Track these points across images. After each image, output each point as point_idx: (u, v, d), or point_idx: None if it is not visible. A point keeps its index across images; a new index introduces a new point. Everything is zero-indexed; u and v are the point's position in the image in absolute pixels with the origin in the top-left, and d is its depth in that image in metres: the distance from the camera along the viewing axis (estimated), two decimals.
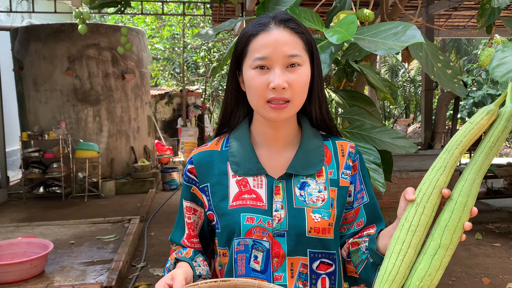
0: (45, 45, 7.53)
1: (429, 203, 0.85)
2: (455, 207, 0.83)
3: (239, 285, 0.87)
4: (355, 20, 1.23)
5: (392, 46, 1.14)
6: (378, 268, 0.99)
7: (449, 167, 0.86)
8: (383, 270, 0.86)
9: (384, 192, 1.31)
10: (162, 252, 4.71)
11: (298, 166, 1.04)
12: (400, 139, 1.34)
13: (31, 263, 3.51)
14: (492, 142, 0.85)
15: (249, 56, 1.01)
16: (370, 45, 1.18)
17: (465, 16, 7.86)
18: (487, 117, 0.85)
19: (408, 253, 0.85)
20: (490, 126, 0.86)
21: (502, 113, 0.84)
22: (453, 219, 0.83)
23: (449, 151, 0.87)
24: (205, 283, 0.86)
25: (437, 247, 0.83)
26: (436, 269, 0.83)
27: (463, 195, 0.83)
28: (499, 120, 0.84)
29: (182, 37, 12.76)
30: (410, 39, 1.14)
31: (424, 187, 0.86)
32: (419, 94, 16.69)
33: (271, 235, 1.01)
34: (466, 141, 0.86)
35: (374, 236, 1.01)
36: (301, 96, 1.02)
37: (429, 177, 0.87)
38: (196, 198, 1.11)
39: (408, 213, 0.87)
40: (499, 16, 1.44)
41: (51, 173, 7.09)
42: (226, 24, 1.54)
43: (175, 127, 11.97)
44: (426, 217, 0.85)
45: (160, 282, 0.91)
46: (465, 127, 0.87)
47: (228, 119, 1.13)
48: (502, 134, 0.84)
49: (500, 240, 4.96)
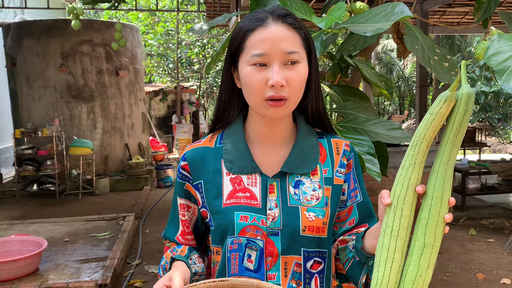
0: (38, 41, 7.47)
1: (406, 204, 0.84)
2: (432, 203, 0.82)
3: (238, 285, 0.85)
4: (343, 5, 1.22)
5: (380, 26, 1.14)
6: (364, 266, 0.99)
7: (419, 163, 0.85)
8: (374, 281, 0.86)
9: (379, 181, 1.30)
10: (157, 249, 4.69)
11: (292, 165, 1.03)
12: (395, 130, 1.33)
13: (25, 261, 3.49)
14: (455, 128, 0.83)
15: (246, 52, 0.98)
16: (359, 29, 1.18)
17: (459, 13, 7.87)
18: (445, 104, 0.83)
19: (395, 259, 0.84)
20: (451, 112, 0.84)
21: (459, 96, 0.82)
22: (433, 215, 0.82)
23: (415, 147, 0.85)
24: (204, 283, 0.84)
25: (422, 246, 0.82)
26: (426, 268, 0.82)
27: (437, 189, 0.82)
28: (458, 105, 0.82)
29: (176, 33, 12.71)
30: (398, 15, 1.14)
31: (397, 189, 0.85)
32: (413, 90, 16.75)
33: (265, 234, 1.00)
34: (430, 133, 0.84)
35: (360, 234, 1.01)
36: (299, 94, 1.01)
37: (400, 177, 0.86)
38: (189, 195, 1.10)
39: (387, 217, 0.86)
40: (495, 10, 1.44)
41: (44, 170, 7.04)
42: (219, 18, 1.52)
43: (169, 124, 11.94)
44: (406, 218, 0.84)
45: (158, 283, 0.89)
46: (426, 119, 0.85)
47: (222, 115, 1.11)
48: (464, 118, 0.82)
49: (494, 235, 4.99)
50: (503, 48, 0.93)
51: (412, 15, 1.08)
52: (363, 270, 1.00)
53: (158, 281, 0.90)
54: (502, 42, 0.94)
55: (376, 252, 0.88)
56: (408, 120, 16.56)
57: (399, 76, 17.83)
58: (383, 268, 0.85)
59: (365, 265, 0.99)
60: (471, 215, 5.66)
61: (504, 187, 6.35)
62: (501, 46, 0.93)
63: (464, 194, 5.96)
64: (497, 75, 0.89)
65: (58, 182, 7.08)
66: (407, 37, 1.28)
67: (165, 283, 0.89)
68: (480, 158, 8.96)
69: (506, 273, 4.00)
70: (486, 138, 13.80)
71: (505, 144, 13.51)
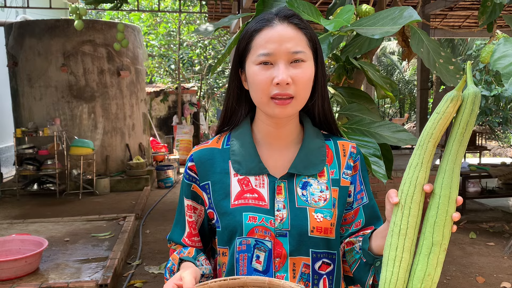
0: (40, 41, 7.48)
1: (414, 203, 0.84)
2: (440, 202, 0.82)
3: (249, 282, 0.86)
4: (352, 8, 1.23)
5: (388, 29, 1.14)
6: (371, 268, 1.00)
7: (426, 162, 0.85)
8: (383, 280, 0.86)
9: (385, 183, 1.31)
10: (158, 250, 4.69)
11: (300, 166, 1.04)
12: (401, 132, 1.33)
13: (26, 260, 3.49)
14: (462, 128, 0.83)
15: (252, 52, 1.00)
16: (367, 31, 1.18)
17: (461, 16, 7.89)
18: (452, 104, 0.83)
19: (403, 258, 0.84)
20: (457, 112, 0.84)
21: (466, 96, 0.83)
22: (441, 214, 0.82)
23: (422, 146, 0.86)
24: (214, 282, 0.85)
25: (430, 245, 0.82)
26: (434, 267, 0.82)
27: (445, 187, 0.83)
28: (464, 104, 0.83)
29: (178, 34, 12.72)
30: (406, 19, 1.14)
31: (405, 188, 0.86)
32: (414, 93, 16.76)
33: (273, 235, 1.00)
34: (437, 132, 0.85)
35: (367, 236, 1.01)
36: (305, 92, 1.01)
37: (408, 176, 0.86)
38: (196, 196, 1.10)
39: (395, 216, 0.86)
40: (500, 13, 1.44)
41: (45, 170, 7.04)
42: (225, 20, 1.53)
43: (170, 125, 11.94)
44: (414, 217, 0.84)
45: (168, 282, 0.90)
46: (433, 118, 0.85)
47: (230, 117, 1.12)
48: (471, 117, 0.83)
49: (494, 239, 4.99)
50: (509, 52, 0.93)
51: (420, 19, 1.09)
52: (370, 271, 1.01)
53: (169, 281, 0.90)
54: (508, 46, 0.95)
55: (384, 252, 0.88)
56: (408, 123, 16.57)
57: (399, 79, 17.84)
58: (391, 267, 0.85)
59: (372, 266, 0.99)
60: (471, 219, 5.66)
61: (504, 191, 6.35)
62: (507, 50, 0.94)
63: (465, 197, 5.97)
64: (503, 78, 0.90)
65: (59, 182, 7.08)
66: (413, 40, 1.29)
67: (176, 282, 0.89)
68: (480, 161, 8.96)
69: (506, 276, 4.00)
70: (487, 141, 13.82)
71: (505, 148, 13.52)
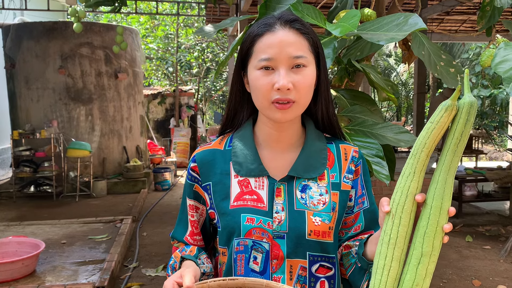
0: (37, 43, 7.47)
1: (404, 212, 0.84)
2: (431, 212, 0.81)
3: (248, 283, 0.87)
4: (358, 13, 1.23)
5: (394, 35, 1.14)
6: (366, 273, 1.00)
7: (418, 172, 0.84)
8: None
9: (388, 184, 1.31)
10: (155, 252, 4.68)
11: (300, 169, 1.04)
12: (404, 134, 1.34)
13: (22, 262, 3.48)
14: (456, 138, 0.82)
15: (254, 56, 1.00)
16: (373, 37, 1.18)
17: (457, 21, 7.94)
18: (446, 113, 0.81)
19: (392, 267, 0.84)
20: (452, 121, 0.82)
21: (461, 105, 0.81)
22: (431, 225, 0.81)
23: (415, 156, 0.84)
24: (214, 281, 0.85)
25: (419, 255, 0.82)
26: (423, 277, 0.82)
27: (437, 198, 0.82)
28: (459, 114, 0.81)
29: (176, 37, 12.73)
30: (412, 27, 1.14)
31: (397, 197, 0.85)
32: (410, 97, 16.82)
33: (271, 237, 1.01)
34: (430, 142, 0.83)
35: (363, 241, 1.02)
36: (306, 97, 1.02)
37: (400, 185, 0.85)
38: (198, 196, 1.11)
39: (386, 225, 0.86)
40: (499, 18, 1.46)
41: (42, 172, 7.02)
42: (227, 21, 1.54)
43: (167, 127, 11.92)
44: (404, 227, 0.84)
45: (169, 280, 0.90)
46: (427, 128, 0.83)
47: (232, 118, 1.13)
48: (465, 127, 0.81)
49: (490, 242, 5.01)
50: (510, 57, 0.94)
51: (426, 27, 1.10)
52: (364, 276, 1.01)
53: (169, 278, 0.91)
54: (508, 50, 0.95)
55: (374, 260, 0.88)
56: (405, 127, 16.60)
57: (396, 82, 17.91)
58: (379, 276, 0.85)
59: (367, 271, 1.00)
60: (467, 222, 5.68)
61: (500, 194, 6.38)
62: (508, 54, 0.94)
63: (461, 201, 5.98)
64: (504, 82, 0.91)
65: (56, 184, 7.06)
66: (414, 43, 1.30)
67: (176, 280, 0.90)
68: (476, 165, 9.00)
69: (502, 280, 4.01)
70: (483, 145, 13.87)
71: (501, 152, 13.58)
